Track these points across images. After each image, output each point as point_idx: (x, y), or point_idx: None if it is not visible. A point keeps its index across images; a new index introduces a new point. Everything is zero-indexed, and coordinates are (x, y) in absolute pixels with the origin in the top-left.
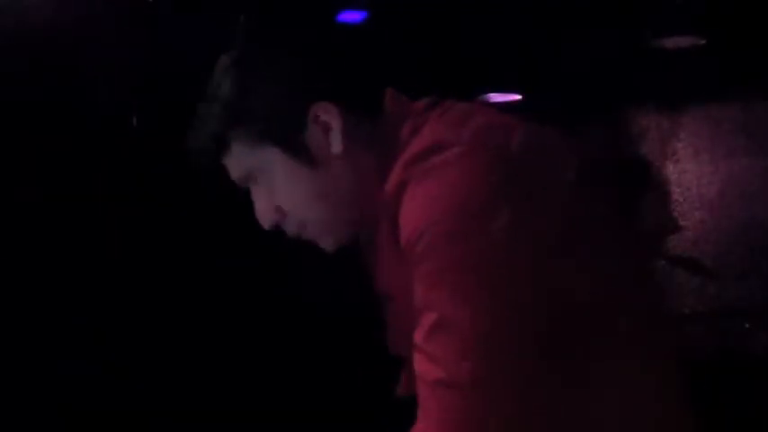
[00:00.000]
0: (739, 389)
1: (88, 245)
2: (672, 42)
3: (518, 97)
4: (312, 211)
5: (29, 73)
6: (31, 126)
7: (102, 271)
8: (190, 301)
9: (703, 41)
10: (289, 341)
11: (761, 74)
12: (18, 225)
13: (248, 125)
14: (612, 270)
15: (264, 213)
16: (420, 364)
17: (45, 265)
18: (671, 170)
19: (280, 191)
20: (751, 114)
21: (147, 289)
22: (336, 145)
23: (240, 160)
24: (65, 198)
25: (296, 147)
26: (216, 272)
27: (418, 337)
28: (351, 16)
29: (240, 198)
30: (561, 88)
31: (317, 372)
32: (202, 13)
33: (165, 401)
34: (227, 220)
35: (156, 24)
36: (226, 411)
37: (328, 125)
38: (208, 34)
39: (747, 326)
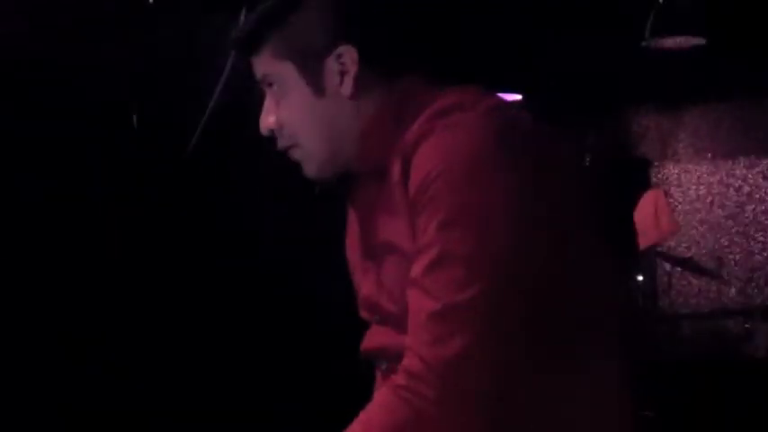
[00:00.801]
0: (739, 389)
1: (87, 244)
2: (672, 42)
3: (518, 97)
4: (305, 131)
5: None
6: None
7: (102, 270)
8: (188, 301)
9: (703, 41)
10: (288, 342)
11: (761, 74)
12: (17, 224)
13: (282, 35)
14: (589, 264)
15: (266, 118)
16: (415, 301)
17: (44, 264)
18: (671, 170)
19: (285, 104)
20: (751, 114)
21: (146, 289)
22: (347, 88)
23: (265, 62)
24: (64, 197)
25: (312, 73)
26: (214, 272)
27: (416, 271)
28: None
29: (235, 201)
30: (561, 88)
31: (316, 372)
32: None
33: (164, 402)
34: (225, 220)
35: (154, 24)
36: (224, 412)
37: (346, 67)
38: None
39: (747, 326)
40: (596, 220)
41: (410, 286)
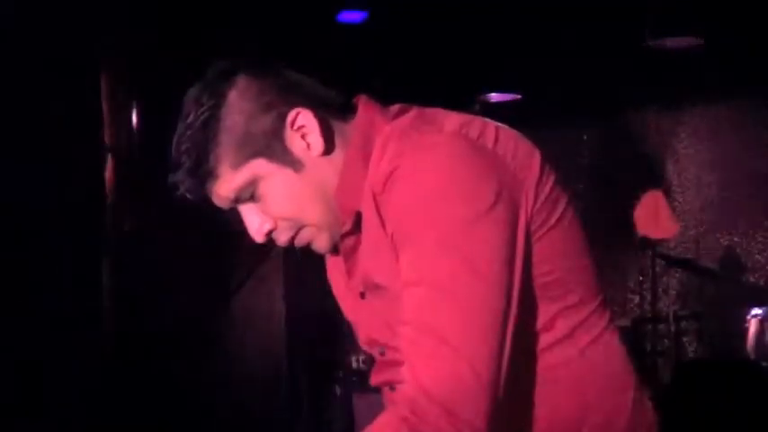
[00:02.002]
0: (739, 389)
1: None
2: (672, 42)
3: (518, 97)
4: (306, 213)
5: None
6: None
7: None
8: None
9: (703, 41)
10: None
11: (761, 74)
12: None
13: (230, 145)
14: (567, 262)
15: (257, 227)
16: (406, 335)
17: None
18: (671, 170)
19: (273, 200)
20: (751, 114)
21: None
22: (316, 147)
23: (230, 181)
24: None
25: (281, 154)
26: None
27: (405, 306)
28: (351, 16)
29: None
30: (561, 88)
31: None
32: None
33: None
34: None
35: None
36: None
37: (307, 129)
38: None
39: (747, 326)
40: (564, 213)
41: (402, 322)
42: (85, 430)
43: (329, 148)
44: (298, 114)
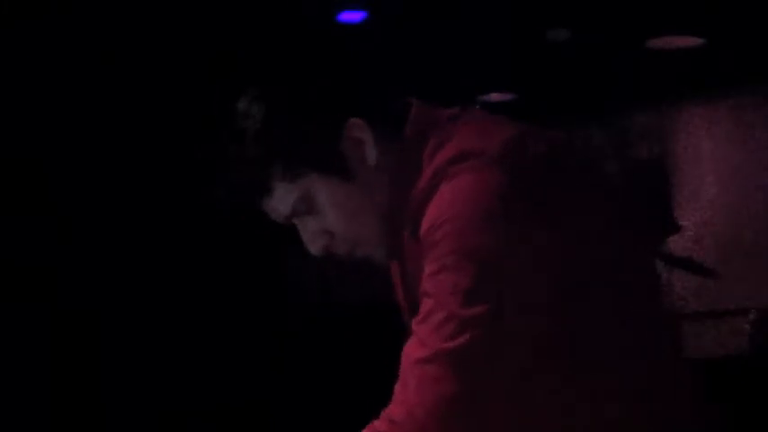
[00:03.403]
0: (739, 389)
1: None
2: (672, 42)
3: (517, 97)
4: (364, 227)
5: None
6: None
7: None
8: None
9: (703, 41)
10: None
11: (761, 74)
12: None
13: (282, 159)
14: (615, 283)
15: (314, 241)
16: (407, 347)
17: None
18: (671, 170)
19: (329, 214)
20: (751, 114)
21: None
22: (371, 157)
23: (285, 196)
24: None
25: (335, 167)
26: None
27: (414, 321)
28: (351, 16)
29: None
30: (561, 88)
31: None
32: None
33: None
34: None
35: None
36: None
37: (361, 139)
38: None
39: (747, 326)
40: (612, 234)
41: (410, 334)
42: None
43: (384, 160)
44: (352, 125)
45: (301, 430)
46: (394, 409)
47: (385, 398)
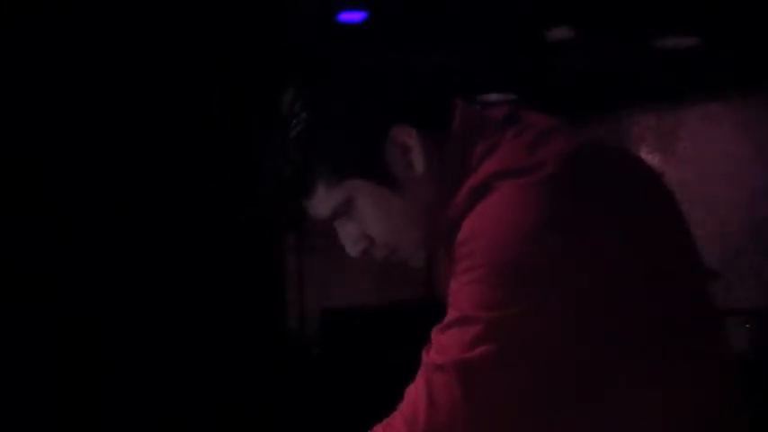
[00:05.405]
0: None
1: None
2: (672, 42)
3: (516, 97)
4: (404, 236)
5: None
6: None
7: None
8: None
9: (703, 41)
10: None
11: (761, 74)
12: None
13: (326, 162)
14: (659, 310)
15: (353, 243)
16: (428, 351)
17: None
18: (671, 170)
19: (370, 220)
20: (751, 114)
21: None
22: (419, 164)
23: (326, 199)
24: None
25: (379, 174)
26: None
27: (437, 327)
28: (351, 16)
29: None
30: (560, 88)
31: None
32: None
33: (158, 399)
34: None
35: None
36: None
37: (408, 146)
38: None
39: (747, 326)
40: (656, 252)
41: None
42: None
43: (431, 167)
44: (399, 131)
45: (301, 430)
46: (406, 410)
47: (385, 398)
